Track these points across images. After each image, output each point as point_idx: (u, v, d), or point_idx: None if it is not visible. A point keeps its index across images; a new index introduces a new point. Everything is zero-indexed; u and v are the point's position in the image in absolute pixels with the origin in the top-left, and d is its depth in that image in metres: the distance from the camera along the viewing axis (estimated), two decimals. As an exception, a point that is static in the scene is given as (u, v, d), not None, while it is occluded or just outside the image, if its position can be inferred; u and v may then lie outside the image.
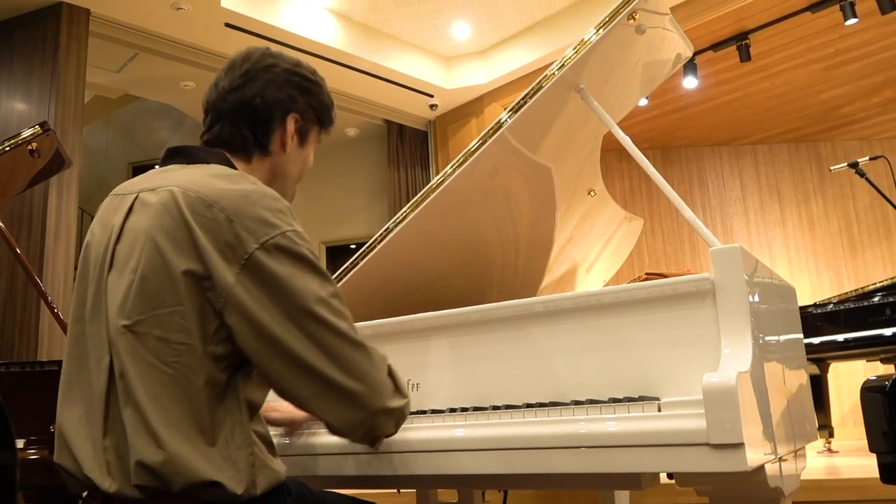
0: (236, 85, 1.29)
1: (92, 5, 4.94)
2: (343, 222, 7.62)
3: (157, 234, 1.09)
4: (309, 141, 1.39)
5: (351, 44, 5.94)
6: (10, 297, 4.44)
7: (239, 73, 1.31)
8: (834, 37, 5.31)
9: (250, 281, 1.06)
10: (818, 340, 3.90)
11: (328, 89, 1.42)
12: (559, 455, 1.16)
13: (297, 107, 1.34)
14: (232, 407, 1.08)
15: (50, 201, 4.56)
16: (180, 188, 1.12)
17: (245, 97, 1.28)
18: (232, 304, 1.06)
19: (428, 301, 1.68)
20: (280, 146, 1.32)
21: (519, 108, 1.68)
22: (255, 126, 1.29)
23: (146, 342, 1.05)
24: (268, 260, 1.07)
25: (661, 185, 1.59)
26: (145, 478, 1.02)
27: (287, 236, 1.11)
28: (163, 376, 1.04)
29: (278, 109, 1.31)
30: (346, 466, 1.39)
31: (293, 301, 1.08)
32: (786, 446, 1.28)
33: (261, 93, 1.29)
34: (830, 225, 6.72)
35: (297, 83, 1.35)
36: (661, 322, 1.28)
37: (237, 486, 1.04)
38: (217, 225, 1.07)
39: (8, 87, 4.84)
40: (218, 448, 1.04)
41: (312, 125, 1.38)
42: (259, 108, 1.29)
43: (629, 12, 1.69)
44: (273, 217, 1.11)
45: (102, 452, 1.06)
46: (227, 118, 1.29)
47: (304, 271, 1.10)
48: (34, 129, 2.70)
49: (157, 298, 1.06)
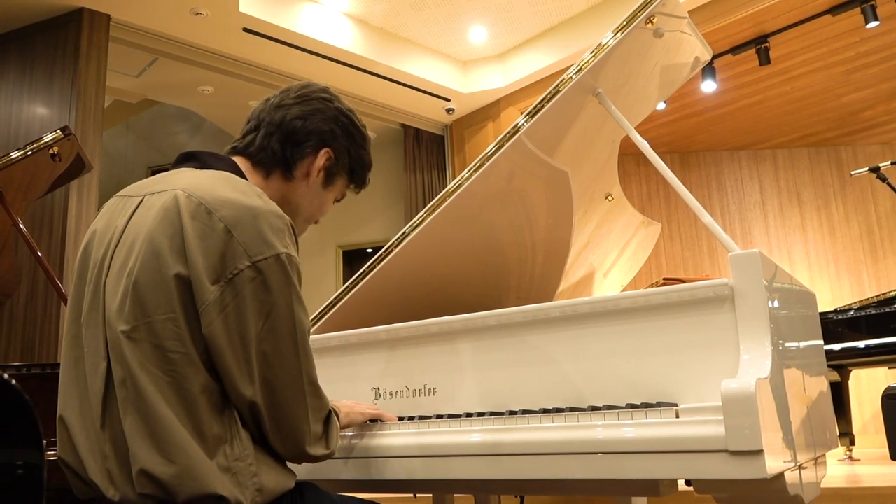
0: (286, 103, 1.31)
1: (112, 11, 5.00)
2: (360, 226, 7.64)
3: (156, 235, 1.08)
4: (334, 186, 1.37)
5: (368, 48, 5.96)
6: (31, 299, 4.49)
7: (293, 94, 1.32)
8: (855, 40, 5.26)
9: (230, 298, 1.05)
10: (839, 347, 3.85)
11: (370, 151, 1.42)
12: (576, 461, 1.15)
13: (335, 144, 1.33)
14: (229, 417, 1.07)
15: (70, 205, 4.61)
16: (185, 191, 1.11)
17: (289, 115, 1.29)
18: (207, 316, 1.04)
19: (445, 305, 1.68)
20: (304, 175, 1.31)
21: (536, 112, 1.68)
22: (286, 144, 1.29)
23: (143, 349, 1.04)
24: (254, 280, 1.06)
25: (679, 190, 1.58)
26: (149, 487, 1.01)
27: (280, 259, 1.09)
28: (161, 384, 1.03)
29: (315, 138, 1.31)
30: (361, 471, 1.39)
31: (269, 325, 1.07)
32: (806, 454, 1.27)
33: (305, 117, 1.30)
34: (851, 230, 6.64)
35: (343, 124, 1.35)
36: (680, 327, 1.27)
37: (242, 497, 1.03)
38: (213, 234, 1.06)
39: (30, 92, 4.90)
40: (218, 460, 1.03)
41: (342, 171, 1.37)
42: (298, 129, 1.29)
43: (647, 16, 1.69)
44: (272, 236, 1.09)
45: (103, 460, 1.05)
46: (263, 129, 1.29)
47: (287, 298, 1.09)
48: (56, 133, 2.73)
49: (150, 305, 1.05)
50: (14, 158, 2.63)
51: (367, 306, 1.81)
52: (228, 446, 1.05)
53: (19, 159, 2.64)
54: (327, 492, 1.22)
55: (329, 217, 5.94)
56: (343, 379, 1.65)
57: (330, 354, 1.69)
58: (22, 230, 2.74)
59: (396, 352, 1.60)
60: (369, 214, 7.62)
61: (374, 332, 1.63)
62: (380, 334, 1.62)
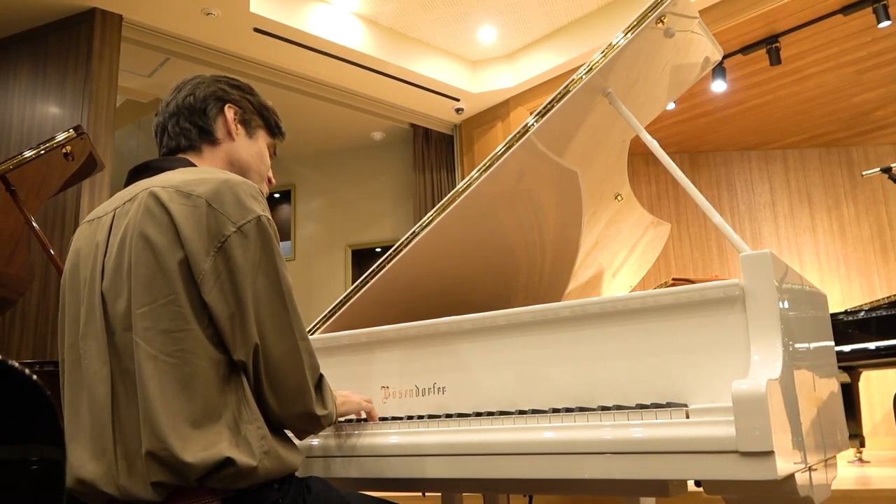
0: (170, 99, 1.39)
1: (124, 11, 5.03)
2: (369, 226, 7.66)
3: (145, 230, 1.12)
4: (257, 135, 1.43)
5: (377, 48, 5.97)
6: (44, 297, 4.52)
7: (172, 91, 1.40)
8: (866, 39, 5.23)
9: (223, 264, 1.10)
10: (849, 348, 3.83)
11: (264, 98, 1.47)
12: (585, 460, 1.16)
13: (231, 97, 1.40)
14: (236, 385, 1.11)
15: (82, 203, 4.63)
16: (157, 186, 1.16)
17: (178, 100, 1.37)
18: (206, 285, 1.09)
19: (453, 305, 1.68)
20: (226, 133, 1.37)
21: (546, 112, 1.68)
22: (193, 117, 1.35)
23: (148, 337, 1.07)
24: (241, 243, 1.12)
25: (689, 190, 1.57)
26: (160, 473, 1.03)
27: (261, 221, 1.15)
28: (167, 367, 1.06)
29: (212, 99, 1.37)
30: (370, 468, 1.39)
31: (259, 283, 1.13)
32: (816, 455, 1.27)
33: (192, 92, 1.37)
34: (862, 231, 6.60)
35: (224, 80, 1.42)
36: (689, 328, 1.27)
37: (250, 459, 1.06)
38: (197, 211, 1.11)
39: (43, 92, 4.94)
40: (227, 424, 1.07)
41: (254, 118, 1.42)
42: (192, 103, 1.36)
43: (658, 16, 1.68)
44: (249, 201, 1.15)
45: (115, 462, 1.07)
46: (169, 124, 1.36)
47: (272, 257, 1.15)
48: (68, 132, 2.74)
49: (151, 293, 1.09)
50: (27, 158, 2.65)
51: (377, 306, 1.82)
52: (235, 412, 1.09)
53: (32, 158, 2.66)
54: (334, 486, 1.23)
55: (338, 216, 5.97)
56: (352, 378, 1.66)
57: (339, 353, 1.70)
58: (35, 228, 2.76)
59: (406, 351, 1.61)
60: (378, 214, 7.64)
61: (384, 331, 1.63)
62: (389, 333, 1.63)
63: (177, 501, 1.05)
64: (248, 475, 1.06)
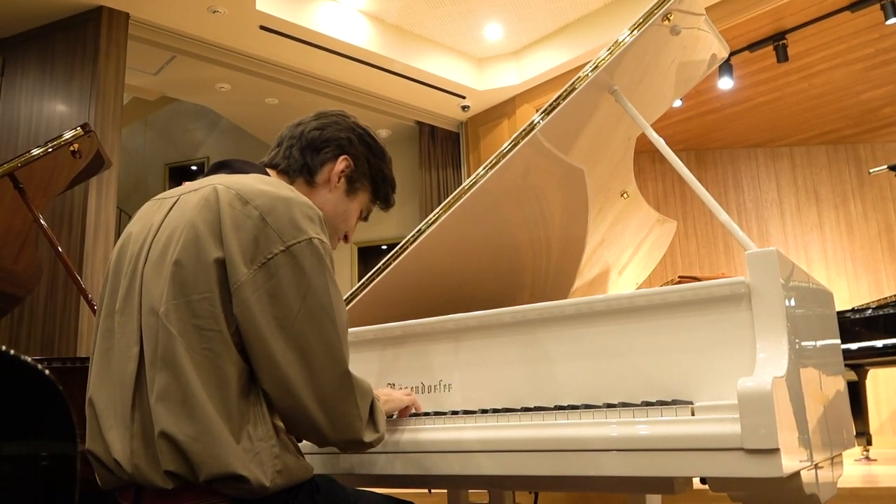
0: (305, 121, 1.40)
1: (131, 9, 5.05)
2: (375, 223, 7.63)
3: (196, 222, 1.12)
4: (356, 196, 1.43)
5: (383, 45, 5.97)
6: (52, 294, 4.55)
7: (312, 115, 1.41)
8: (874, 36, 5.20)
9: (263, 280, 1.08)
10: (856, 346, 3.82)
11: (392, 170, 1.47)
12: (590, 458, 1.16)
13: (352, 150, 1.40)
14: (253, 397, 1.10)
15: (90, 201, 4.66)
16: (223, 184, 1.17)
17: (307, 128, 1.38)
18: (239, 296, 1.08)
19: (459, 302, 1.68)
20: (325, 180, 1.38)
21: (552, 109, 1.68)
22: (306, 151, 1.36)
23: (181, 328, 1.07)
24: (288, 264, 1.10)
25: (696, 188, 1.57)
26: (173, 461, 1.03)
27: (312, 243, 1.12)
28: (196, 360, 1.06)
29: (333, 144, 1.38)
30: (376, 465, 1.40)
31: (308, 306, 1.10)
32: (822, 453, 1.27)
33: (322, 128, 1.38)
34: (870, 228, 6.58)
35: (360, 134, 1.42)
36: (695, 325, 1.27)
37: (262, 478, 1.05)
38: (248, 220, 1.10)
39: (50, 90, 4.96)
40: (241, 441, 1.06)
41: (363, 179, 1.43)
42: (316, 138, 1.37)
43: (664, 13, 1.68)
44: (304, 222, 1.13)
45: (130, 440, 1.08)
46: (285, 143, 1.38)
47: (323, 280, 1.12)
48: (76, 130, 2.75)
49: (189, 286, 1.08)
50: (35, 155, 2.66)
51: (383, 303, 1.82)
52: (252, 427, 1.08)
53: (40, 156, 2.67)
54: (344, 485, 1.23)
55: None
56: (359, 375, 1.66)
57: (346, 350, 1.70)
58: (43, 226, 2.77)
59: (412, 348, 1.61)
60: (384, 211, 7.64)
61: (390, 328, 1.64)
62: (395, 331, 1.63)
63: (185, 494, 1.06)
64: (259, 492, 1.05)
